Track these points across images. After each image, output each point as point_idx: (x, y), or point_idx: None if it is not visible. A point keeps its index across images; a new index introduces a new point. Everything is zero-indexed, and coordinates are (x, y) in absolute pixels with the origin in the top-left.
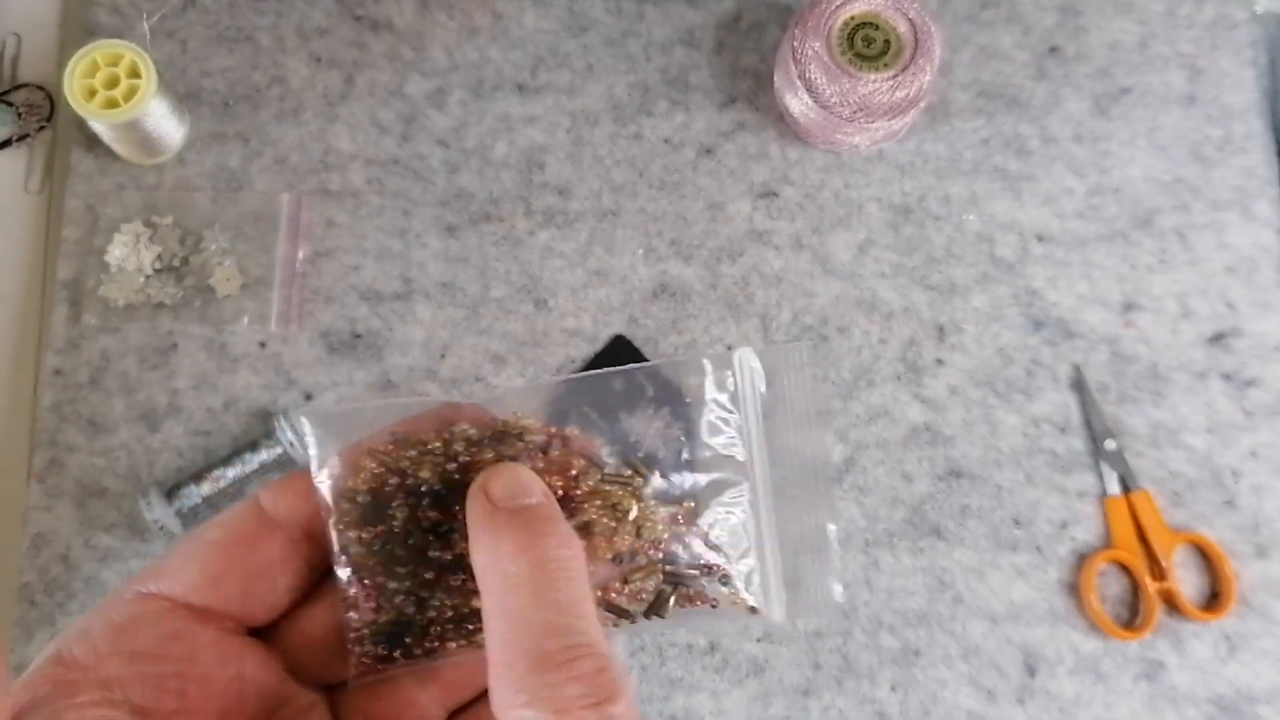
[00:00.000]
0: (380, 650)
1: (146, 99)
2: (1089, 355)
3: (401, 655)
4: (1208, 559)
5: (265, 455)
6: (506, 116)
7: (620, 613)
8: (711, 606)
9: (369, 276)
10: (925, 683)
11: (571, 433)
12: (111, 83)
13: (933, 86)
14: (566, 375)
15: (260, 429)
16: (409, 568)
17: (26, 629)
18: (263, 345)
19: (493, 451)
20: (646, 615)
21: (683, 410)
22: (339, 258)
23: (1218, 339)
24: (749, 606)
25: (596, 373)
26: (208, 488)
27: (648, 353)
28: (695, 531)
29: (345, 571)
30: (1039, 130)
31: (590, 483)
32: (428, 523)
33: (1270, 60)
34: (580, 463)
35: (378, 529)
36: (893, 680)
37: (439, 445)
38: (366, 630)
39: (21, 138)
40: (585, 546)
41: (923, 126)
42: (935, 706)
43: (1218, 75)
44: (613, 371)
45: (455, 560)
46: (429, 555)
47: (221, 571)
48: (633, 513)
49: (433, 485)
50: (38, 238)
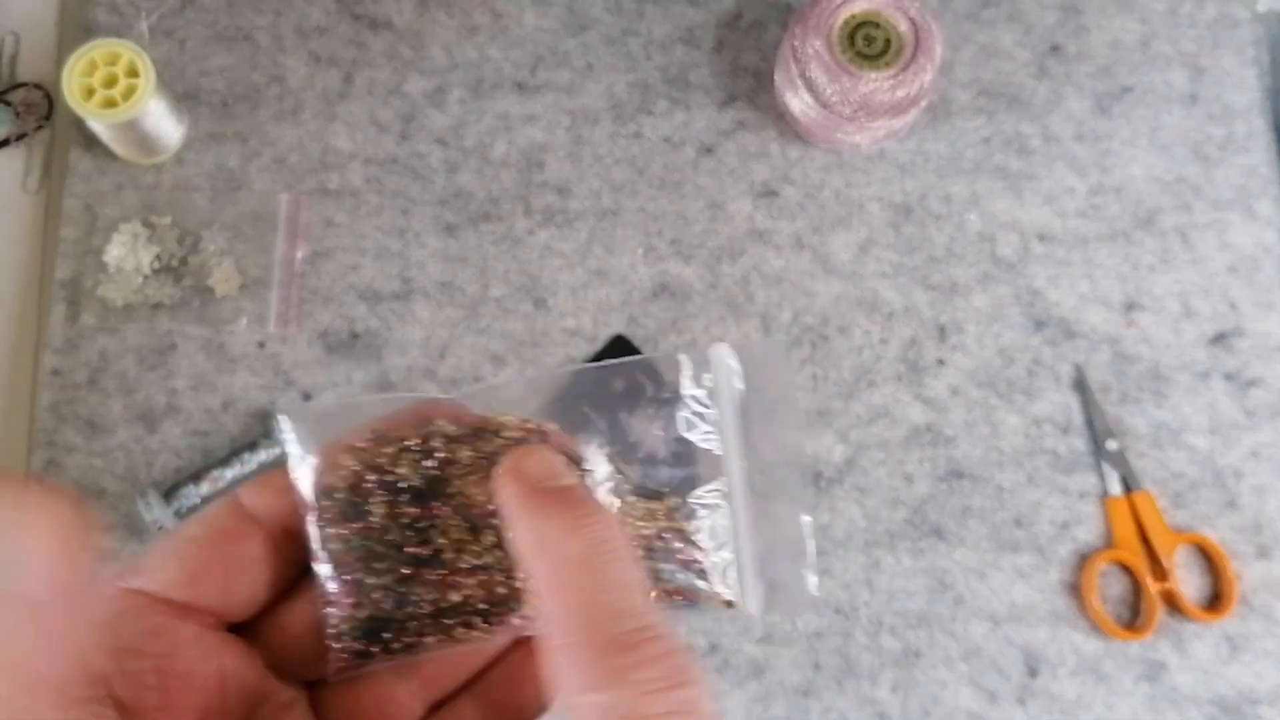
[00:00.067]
0: (359, 646)
1: (145, 98)
2: (1090, 355)
3: (380, 650)
4: (1209, 559)
5: (264, 455)
6: (506, 115)
7: None
8: (689, 601)
9: (368, 276)
10: (926, 684)
11: (549, 428)
12: (110, 82)
13: (934, 85)
14: (534, 373)
15: (259, 429)
16: (387, 563)
17: None
18: (261, 345)
19: (470, 448)
20: None
21: (660, 406)
22: (338, 257)
23: (1220, 339)
24: (725, 600)
25: (568, 368)
26: (206, 488)
27: (648, 352)
28: (673, 526)
29: (324, 568)
30: (1040, 129)
31: None
32: (406, 519)
33: (1272, 59)
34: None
35: (356, 525)
36: (893, 681)
37: (417, 442)
38: (345, 626)
39: (20, 137)
40: None
41: (924, 125)
42: (936, 708)
43: (1219, 74)
44: (588, 367)
45: (433, 555)
46: (407, 551)
47: (201, 568)
48: (613, 508)
49: (411, 482)
50: (35, 237)
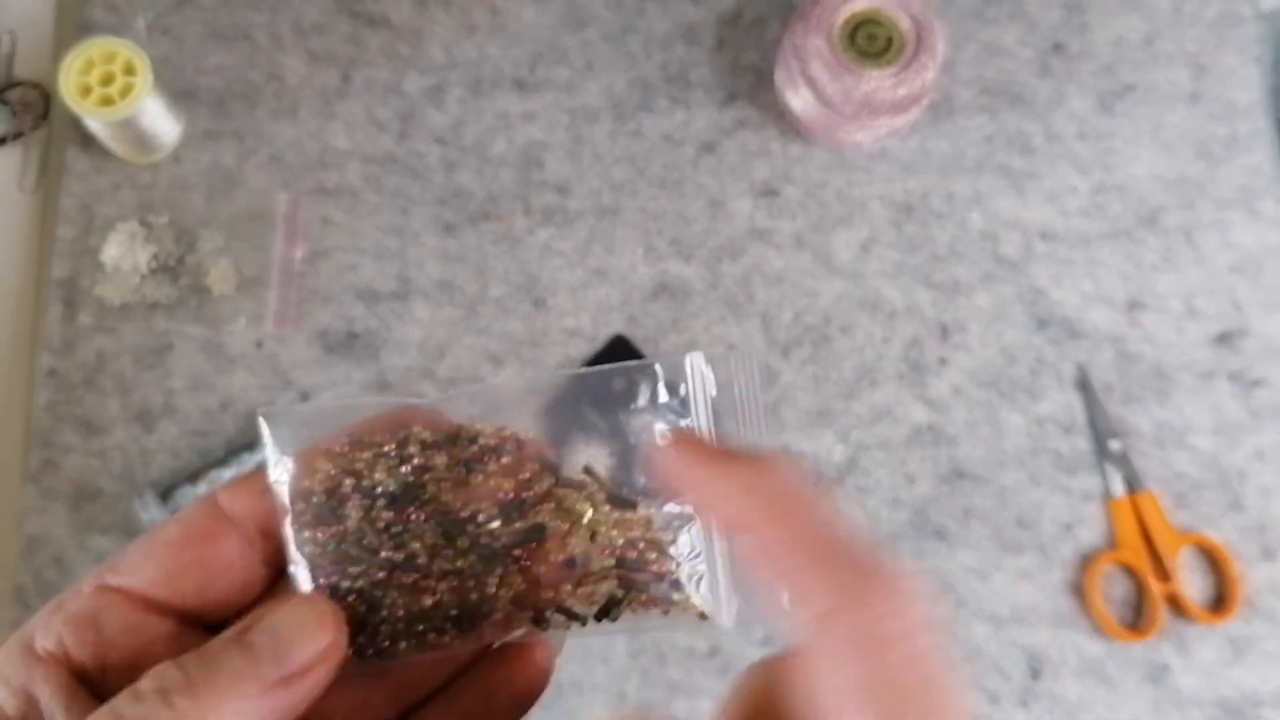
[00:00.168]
0: None
1: (142, 96)
2: (1094, 355)
3: (353, 654)
4: (1213, 561)
5: (261, 456)
6: (505, 114)
7: (571, 615)
8: (663, 612)
9: (366, 276)
10: None
11: (526, 436)
12: (107, 80)
13: (935, 83)
14: (504, 380)
15: (256, 430)
16: (362, 568)
17: None
18: (259, 345)
19: (446, 454)
20: (598, 618)
21: (636, 414)
22: (336, 257)
23: (1224, 339)
24: (699, 612)
25: (544, 378)
26: (204, 489)
27: (648, 352)
28: (648, 536)
29: (300, 571)
30: (1043, 127)
31: (543, 486)
32: (382, 523)
33: (1275, 58)
34: (533, 466)
35: (332, 529)
36: None
37: (393, 448)
38: None
39: (16, 136)
40: (537, 550)
41: (926, 124)
42: None
43: (1223, 73)
44: (567, 374)
45: (407, 560)
46: (382, 555)
47: (179, 568)
48: (586, 516)
49: (387, 487)
50: (32, 237)
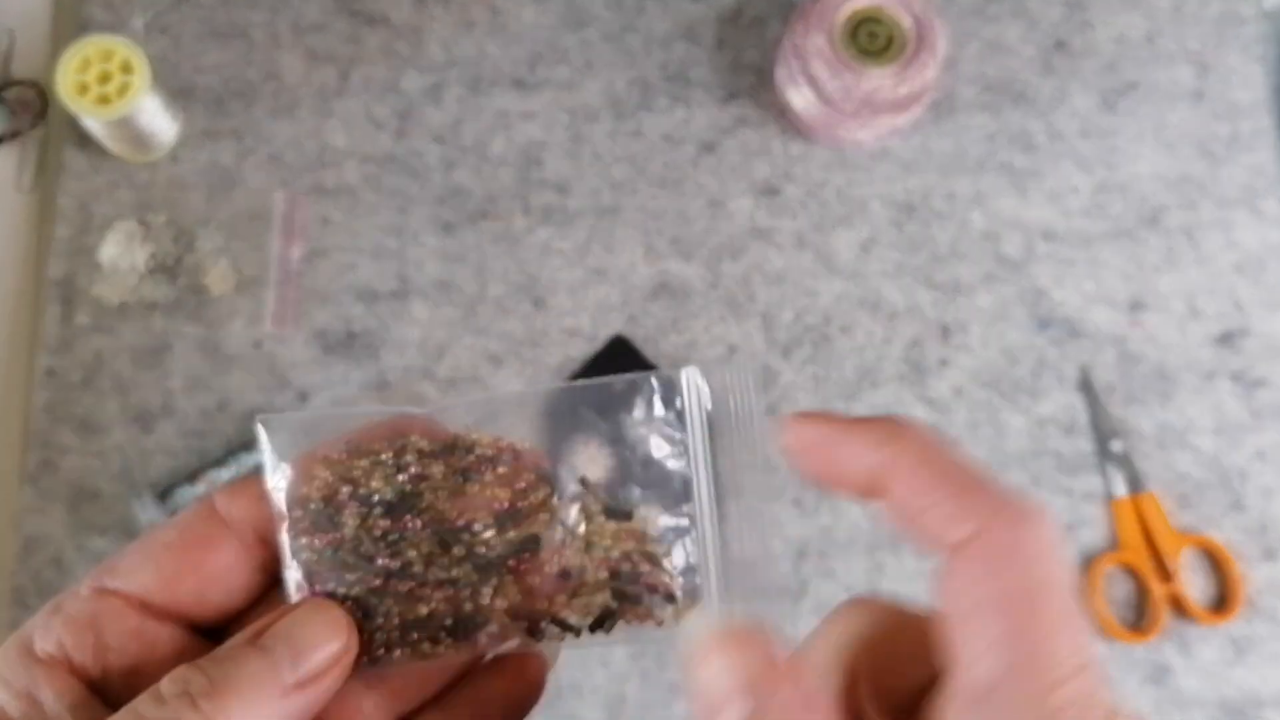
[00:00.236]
0: None
1: (139, 95)
2: (1096, 355)
3: None
4: (1215, 561)
5: (259, 458)
6: (504, 113)
7: (565, 626)
8: (657, 624)
9: (365, 275)
10: None
11: (522, 447)
12: (104, 79)
13: (937, 82)
14: (502, 390)
15: (254, 431)
16: (357, 575)
17: None
18: (257, 345)
19: (443, 463)
20: (592, 630)
21: (632, 426)
22: (334, 256)
23: (1226, 339)
24: None
25: (541, 389)
26: (202, 489)
27: (648, 352)
28: (643, 549)
29: (295, 577)
30: (1045, 126)
31: (539, 496)
32: (378, 531)
33: (1278, 56)
34: (529, 477)
35: (328, 536)
36: None
37: (390, 456)
38: None
39: (13, 135)
40: (532, 561)
41: (927, 122)
42: None
43: (1225, 71)
44: (564, 387)
45: (402, 568)
46: (378, 563)
47: (176, 573)
48: (581, 528)
49: (383, 495)
50: (29, 236)
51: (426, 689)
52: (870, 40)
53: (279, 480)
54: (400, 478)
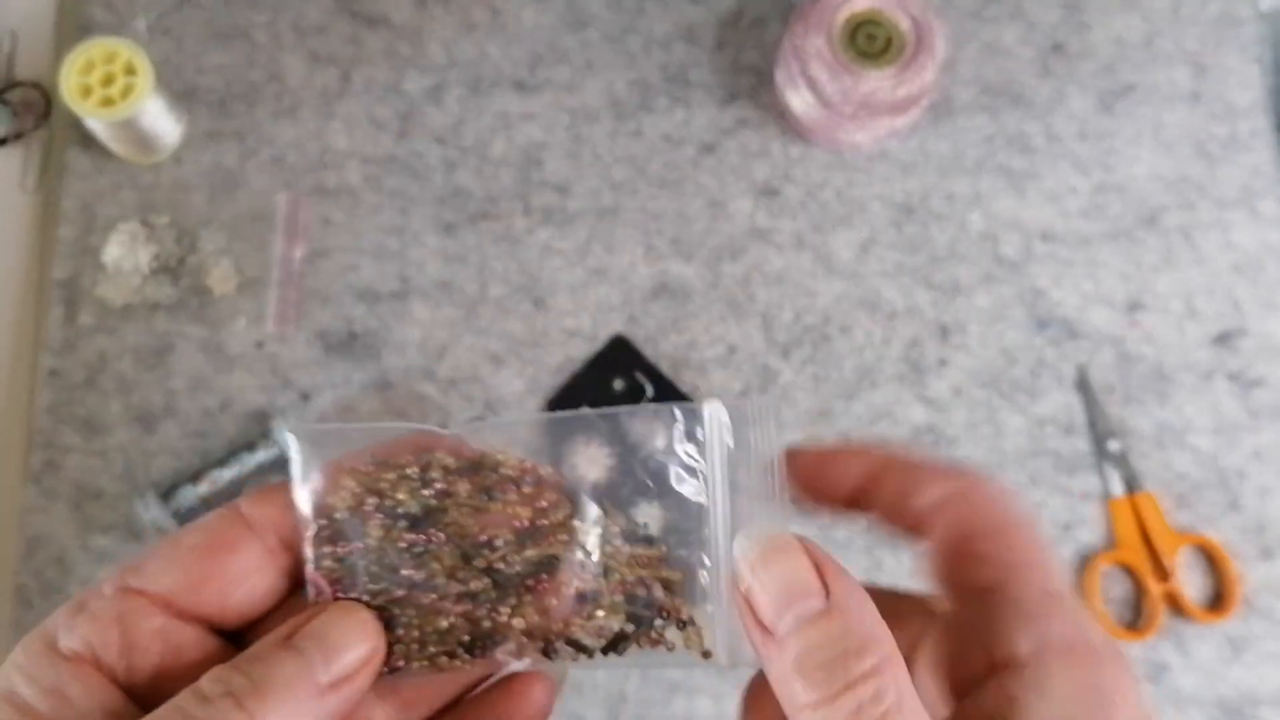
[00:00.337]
0: None
1: (142, 97)
2: (1094, 355)
3: None
4: (1212, 561)
5: (262, 456)
6: (505, 113)
7: (579, 647)
8: (669, 649)
9: (366, 276)
10: None
11: (545, 469)
12: (107, 80)
13: (935, 84)
14: (536, 414)
15: (257, 430)
16: (381, 585)
17: (23, 632)
18: (259, 345)
19: (468, 481)
20: (604, 652)
21: (652, 456)
22: (336, 257)
23: (1223, 339)
24: (703, 650)
25: (564, 415)
26: (204, 489)
27: (648, 353)
28: (658, 574)
29: (319, 583)
30: (1043, 128)
31: (559, 516)
32: (403, 543)
33: (1275, 57)
34: (551, 497)
35: (352, 546)
36: None
37: (416, 471)
38: None
39: (17, 136)
40: (549, 581)
41: (925, 124)
42: None
43: (1223, 72)
44: (584, 415)
45: (426, 581)
46: (401, 574)
47: (201, 575)
48: (598, 552)
49: (409, 509)
50: (33, 237)
51: (436, 702)
52: (869, 42)
53: (306, 489)
54: (426, 492)
